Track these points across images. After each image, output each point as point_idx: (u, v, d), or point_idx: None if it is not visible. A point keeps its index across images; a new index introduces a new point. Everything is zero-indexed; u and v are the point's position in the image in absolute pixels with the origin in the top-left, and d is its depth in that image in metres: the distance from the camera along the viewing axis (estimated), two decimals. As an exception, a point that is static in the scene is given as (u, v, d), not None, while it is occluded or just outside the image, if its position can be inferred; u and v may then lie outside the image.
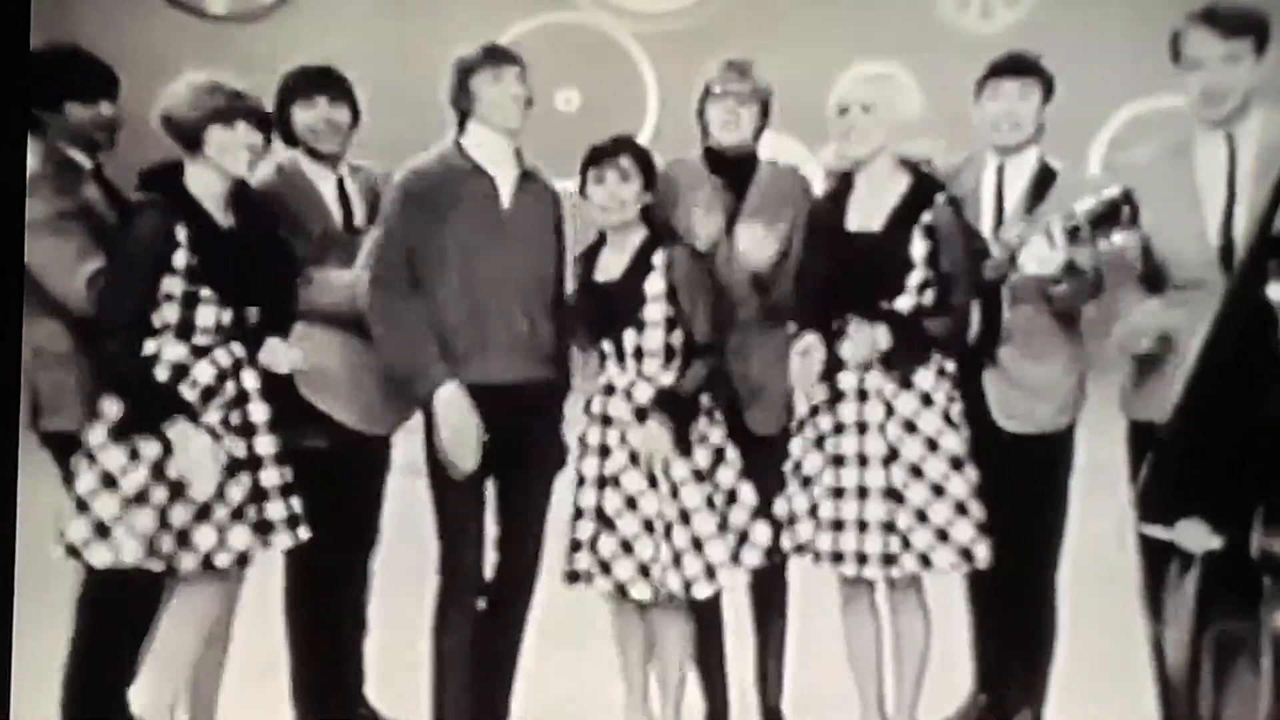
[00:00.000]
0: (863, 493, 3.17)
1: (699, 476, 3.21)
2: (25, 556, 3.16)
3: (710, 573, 3.21)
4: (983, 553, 3.18)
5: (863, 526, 3.16)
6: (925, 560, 3.16)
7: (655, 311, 3.22)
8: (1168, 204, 3.16)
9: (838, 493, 3.18)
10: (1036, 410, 3.29)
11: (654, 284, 3.22)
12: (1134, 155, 3.37)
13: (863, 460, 3.17)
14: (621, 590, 3.21)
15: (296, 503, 3.18)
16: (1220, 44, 3.08)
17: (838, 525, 3.18)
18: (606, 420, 3.23)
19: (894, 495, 3.15)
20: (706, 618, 3.42)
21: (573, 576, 3.25)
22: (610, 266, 3.27)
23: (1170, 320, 3.08)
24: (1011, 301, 3.22)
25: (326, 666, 3.48)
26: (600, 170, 3.22)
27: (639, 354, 3.22)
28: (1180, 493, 2.69)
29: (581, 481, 3.25)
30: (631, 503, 3.19)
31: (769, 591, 3.44)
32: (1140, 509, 2.81)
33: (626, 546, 3.19)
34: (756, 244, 3.28)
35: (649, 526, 3.18)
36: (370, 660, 3.52)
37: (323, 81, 3.42)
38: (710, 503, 3.21)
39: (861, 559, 3.16)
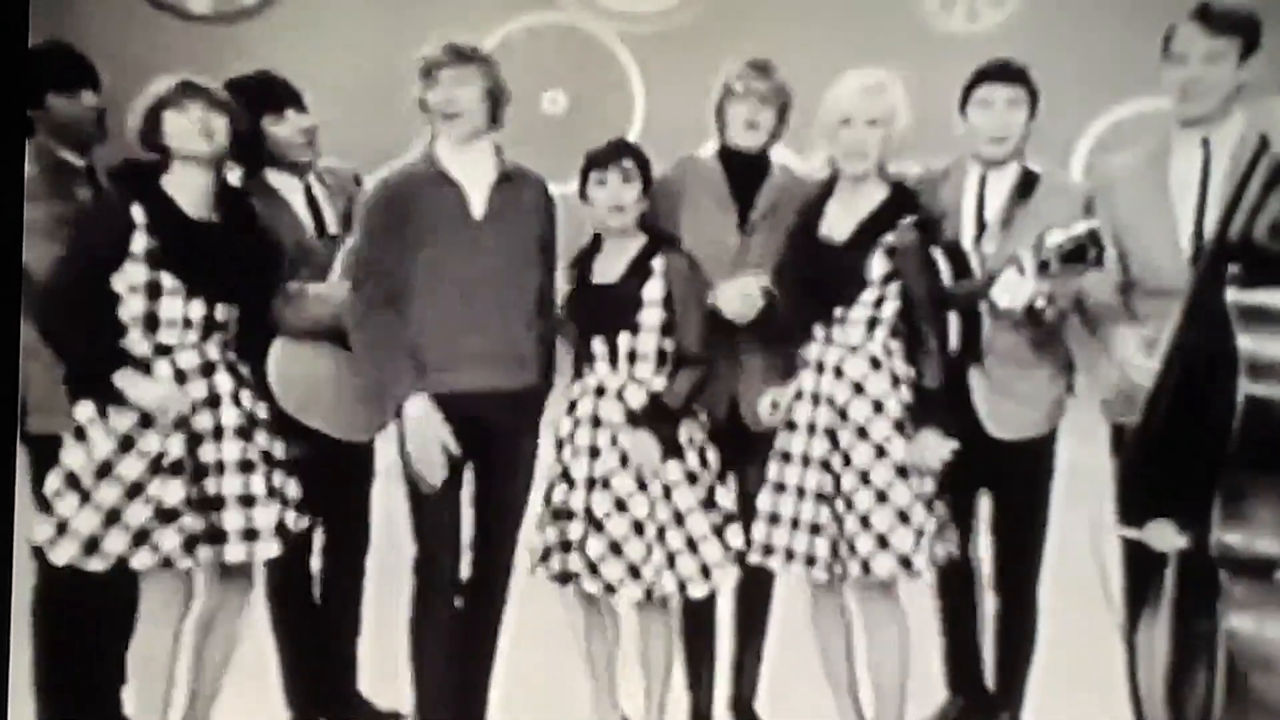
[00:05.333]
0: (801, 493, 3.17)
1: (691, 478, 3.22)
2: (22, 558, 3.15)
3: (705, 572, 3.22)
4: (920, 564, 3.14)
5: (795, 524, 3.17)
6: (865, 567, 3.14)
7: (652, 316, 3.21)
8: (1144, 208, 3.17)
9: (779, 488, 3.19)
10: (1025, 417, 3.29)
11: (652, 289, 3.21)
12: (1113, 160, 3.37)
13: (805, 460, 3.17)
14: (610, 590, 3.22)
15: (263, 515, 3.11)
16: (1206, 41, 3.09)
17: (774, 519, 3.20)
18: (596, 422, 3.23)
19: (842, 499, 3.14)
20: (699, 617, 3.43)
21: (565, 577, 3.25)
22: (608, 270, 3.26)
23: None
24: (991, 317, 3.22)
25: (319, 666, 3.49)
26: (603, 173, 3.21)
27: (632, 357, 3.22)
28: (1150, 494, 2.71)
29: (571, 483, 3.24)
30: (621, 505, 3.19)
31: (752, 592, 3.45)
32: (1116, 511, 2.83)
33: (615, 548, 3.20)
34: (738, 302, 3.25)
35: (639, 528, 3.19)
36: (364, 656, 3.53)
37: (284, 92, 3.38)
38: (704, 504, 3.22)
39: (789, 555, 3.18)
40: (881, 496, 3.13)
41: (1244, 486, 2.57)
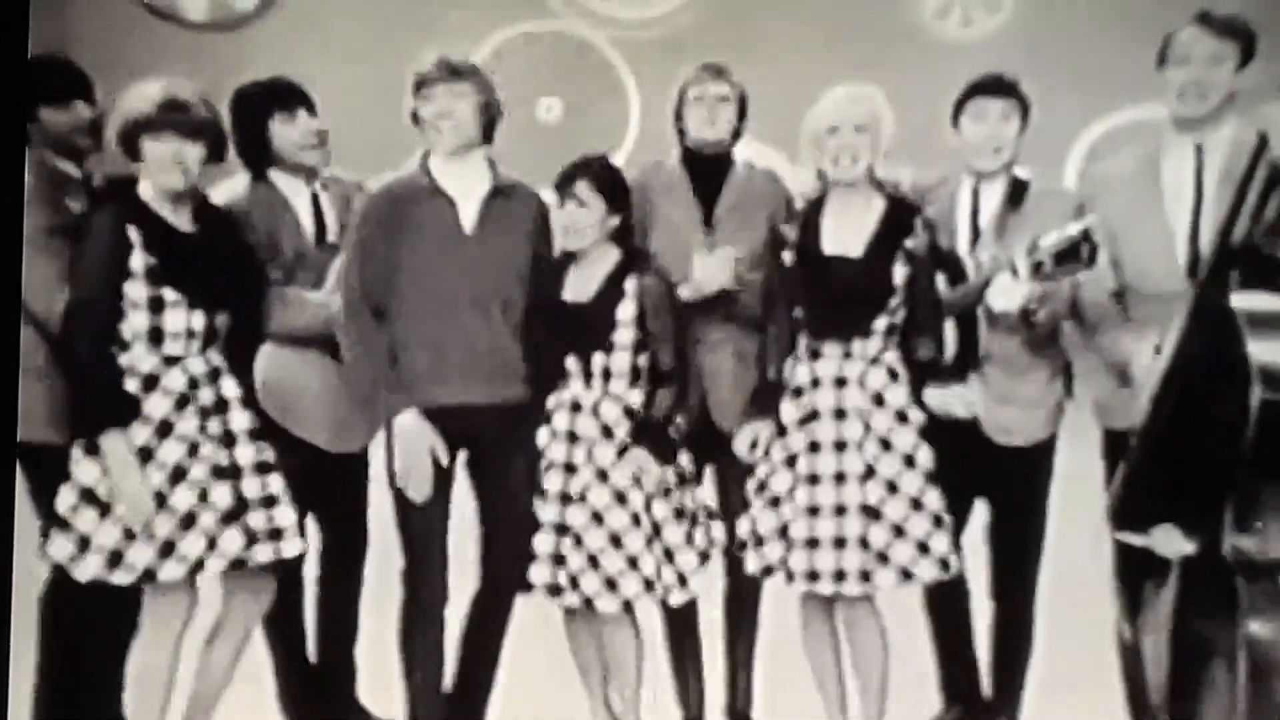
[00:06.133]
0: (840, 510, 3.18)
1: (666, 491, 3.24)
2: (22, 566, 3.16)
3: (683, 581, 3.25)
4: (956, 562, 3.23)
5: (840, 543, 3.18)
6: (906, 574, 3.18)
7: (625, 336, 3.23)
8: (1136, 215, 3.19)
9: (813, 511, 3.20)
10: (1026, 423, 3.31)
11: (625, 310, 3.23)
12: (1106, 167, 3.40)
13: (840, 478, 3.19)
14: (589, 604, 3.23)
15: (284, 514, 3.16)
16: (1210, 42, 3.14)
17: (813, 543, 3.19)
18: (573, 437, 3.24)
19: (870, 512, 3.17)
20: (683, 626, 3.46)
21: (526, 586, 3.27)
22: (579, 287, 3.28)
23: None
24: (988, 325, 3.24)
25: (316, 672, 3.49)
26: (560, 198, 3.24)
27: (607, 374, 3.24)
28: (1153, 499, 2.72)
29: (544, 497, 3.25)
30: (598, 518, 3.21)
31: (741, 600, 3.47)
32: (1114, 517, 2.84)
33: (593, 561, 3.21)
34: (710, 272, 3.28)
35: (616, 541, 3.20)
36: (364, 663, 3.53)
37: (295, 95, 3.39)
38: (678, 514, 3.25)
39: (839, 576, 3.18)
40: (916, 504, 3.17)
41: (1258, 492, 2.58)
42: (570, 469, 3.24)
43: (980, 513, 3.40)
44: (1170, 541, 2.69)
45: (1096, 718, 3.26)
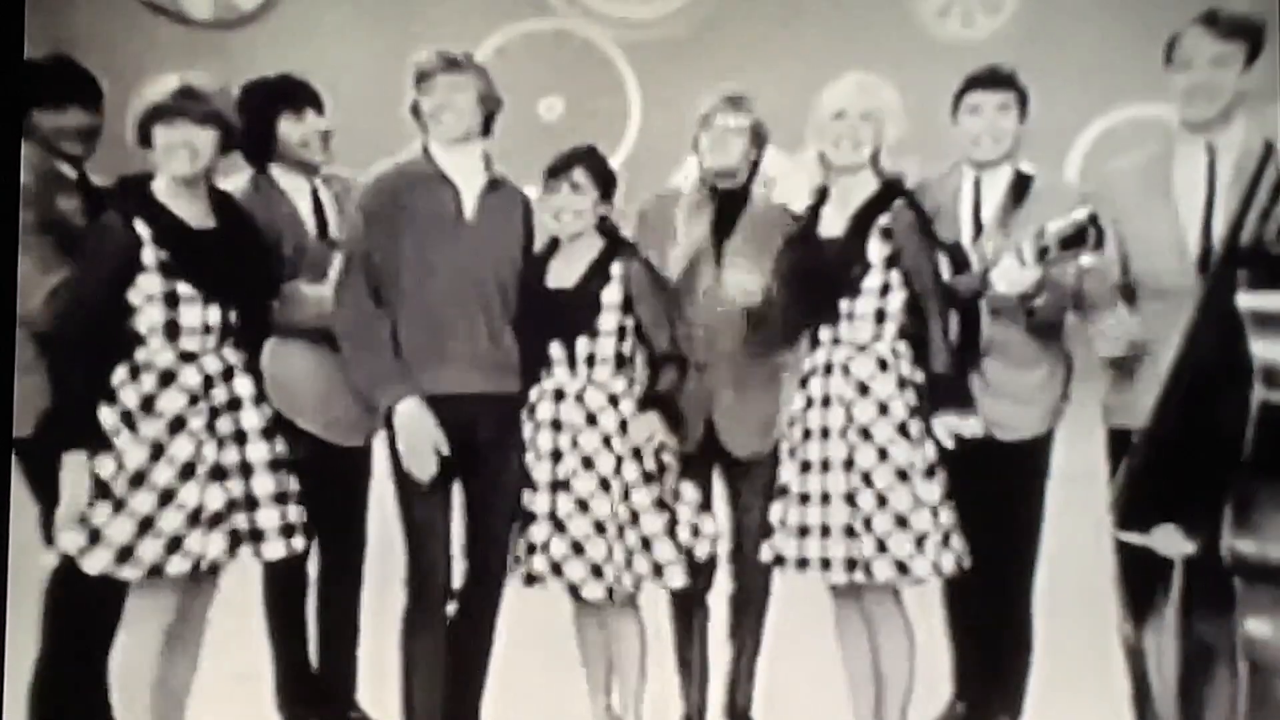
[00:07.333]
0: (825, 498, 3.19)
1: (648, 478, 3.25)
2: (17, 563, 3.15)
3: (658, 571, 3.26)
4: (921, 568, 3.17)
5: (825, 531, 3.18)
6: (868, 570, 3.16)
7: (609, 320, 3.25)
8: (1146, 213, 3.19)
9: (804, 498, 3.21)
10: (1023, 417, 3.31)
11: (611, 294, 3.25)
12: (1113, 164, 3.40)
13: (825, 465, 3.19)
14: (574, 591, 3.24)
15: (294, 511, 3.16)
16: (1213, 45, 3.13)
17: (804, 531, 3.20)
18: (557, 425, 3.25)
19: (851, 501, 3.17)
20: (691, 622, 3.46)
21: (530, 579, 3.27)
22: (563, 274, 3.29)
23: (1137, 329, 3.10)
24: (991, 315, 3.24)
25: (316, 673, 3.49)
26: (555, 182, 3.25)
27: (591, 361, 3.25)
28: (1156, 499, 2.72)
29: (535, 487, 3.26)
30: (583, 505, 3.22)
31: (748, 599, 3.46)
32: (1116, 515, 2.84)
33: (578, 548, 3.22)
34: (742, 279, 3.29)
35: (600, 528, 3.21)
36: (361, 664, 3.52)
37: (305, 93, 3.41)
38: (659, 503, 3.25)
39: (825, 564, 3.19)
40: (882, 500, 3.15)
41: (1256, 493, 2.57)
42: (556, 456, 3.24)
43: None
44: (1171, 542, 2.68)
45: (1099, 714, 3.26)
